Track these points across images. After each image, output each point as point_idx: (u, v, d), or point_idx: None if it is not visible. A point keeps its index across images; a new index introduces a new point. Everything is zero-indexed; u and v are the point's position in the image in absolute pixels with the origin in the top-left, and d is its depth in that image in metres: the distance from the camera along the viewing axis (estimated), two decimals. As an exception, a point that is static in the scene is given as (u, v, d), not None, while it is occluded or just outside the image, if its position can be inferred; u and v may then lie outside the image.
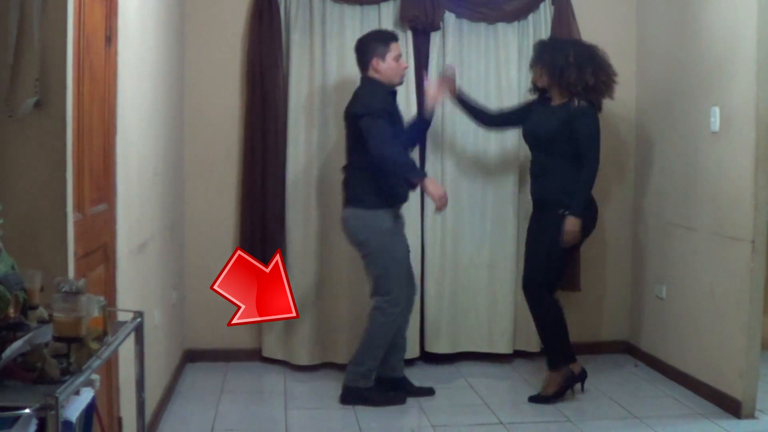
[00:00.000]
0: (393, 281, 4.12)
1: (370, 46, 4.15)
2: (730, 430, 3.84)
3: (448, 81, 4.41)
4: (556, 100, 4.23)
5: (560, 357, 4.23)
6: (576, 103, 4.12)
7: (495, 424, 3.95)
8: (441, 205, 4.08)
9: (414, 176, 4.10)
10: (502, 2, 4.82)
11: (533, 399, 4.21)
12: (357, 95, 4.16)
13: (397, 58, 4.15)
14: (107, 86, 2.92)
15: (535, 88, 4.34)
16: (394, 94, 4.25)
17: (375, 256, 4.13)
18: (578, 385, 4.31)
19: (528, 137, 4.35)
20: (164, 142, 4.09)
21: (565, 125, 4.11)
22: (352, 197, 4.13)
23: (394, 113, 4.18)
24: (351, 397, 4.18)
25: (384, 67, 4.12)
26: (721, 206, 4.10)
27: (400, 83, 4.25)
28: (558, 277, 4.31)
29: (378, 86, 4.13)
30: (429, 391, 4.34)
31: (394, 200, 4.17)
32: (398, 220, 4.21)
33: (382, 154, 3.99)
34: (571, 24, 4.85)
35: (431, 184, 4.10)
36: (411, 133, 4.39)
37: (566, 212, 4.08)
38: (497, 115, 4.53)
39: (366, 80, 4.18)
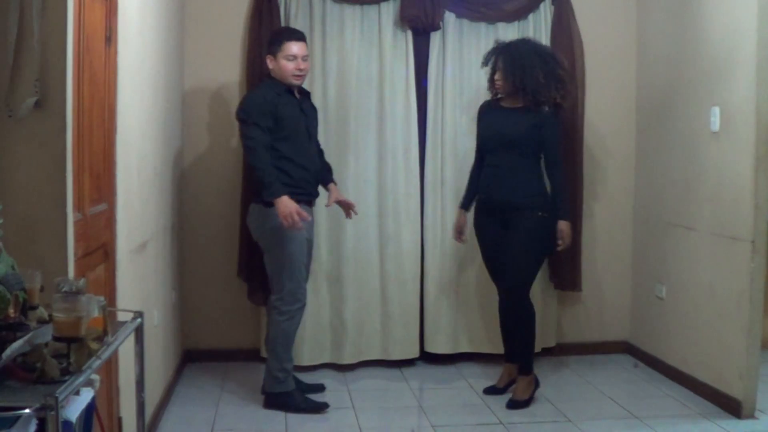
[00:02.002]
0: (286, 277, 4.03)
1: (268, 42, 4.19)
2: (730, 430, 3.84)
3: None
4: (512, 102, 4.23)
5: (532, 361, 4.25)
6: (546, 108, 4.18)
7: (495, 424, 3.95)
8: (288, 224, 3.86)
9: (267, 195, 3.90)
10: (502, 2, 4.82)
11: (511, 405, 4.16)
12: (245, 95, 4.21)
13: (290, 58, 4.05)
14: (107, 86, 2.92)
15: (493, 87, 4.31)
16: (294, 92, 4.13)
17: (269, 251, 4.07)
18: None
19: (494, 140, 4.27)
20: (164, 142, 4.09)
21: (535, 129, 4.15)
22: (253, 192, 4.09)
23: (285, 116, 4.03)
24: (272, 402, 4.12)
25: (275, 66, 4.08)
26: (721, 206, 4.10)
27: (298, 84, 4.13)
28: (535, 277, 4.33)
29: (270, 86, 4.08)
30: (320, 387, 4.36)
31: (296, 197, 3.97)
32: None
33: (251, 163, 4.00)
34: (571, 24, 4.85)
35: (280, 203, 3.86)
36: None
37: (556, 214, 4.13)
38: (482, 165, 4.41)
39: (267, 77, 4.18)
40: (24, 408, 1.64)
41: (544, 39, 4.81)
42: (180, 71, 4.64)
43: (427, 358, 4.90)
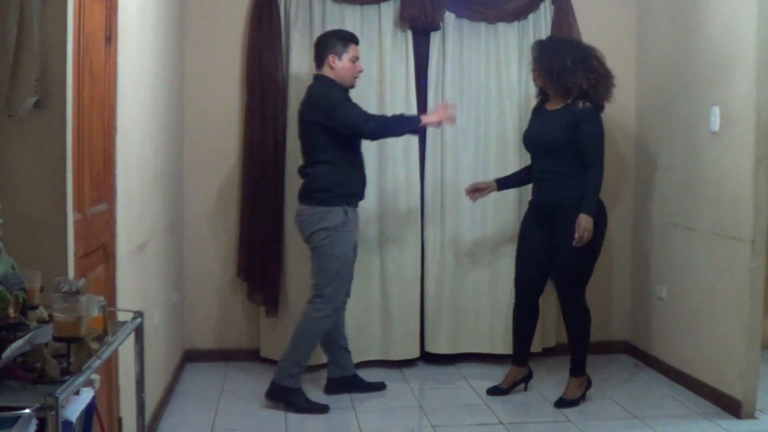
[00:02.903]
0: (331, 278, 4.09)
1: (329, 43, 4.16)
2: (730, 430, 3.84)
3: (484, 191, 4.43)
4: (554, 104, 4.20)
5: (585, 362, 4.24)
6: (581, 105, 4.09)
7: (495, 424, 3.95)
8: (448, 118, 4.18)
9: (414, 126, 4.18)
10: (502, 2, 4.82)
11: (560, 404, 4.17)
12: (314, 96, 4.13)
13: (354, 60, 4.14)
14: (107, 86, 2.92)
15: (540, 90, 4.31)
16: (347, 94, 4.20)
17: (319, 251, 4.10)
18: (522, 384, 4.39)
19: (532, 143, 4.28)
20: (164, 142, 4.09)
21: (570, 129, 4.07)
22: (306, 194, 4.13)
23: None
24: (276, 393, 4.14)
25: (339, 65, 4.12)
26: (721, 206, 4.10)
27: (352, 86, 4.21)
28: (589, 277, 4.30)
29: (337, 86, 4.13)
30: (380, 386, 4.42)
31: (348, 198, 4.12)
32: (350, 218, 4.14)
33: (375, 133, 4.16)
34: (571, 24, 4.85)
35: (428, 118, 4.19)
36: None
37: (580, 208, 4.04)
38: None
39: (319, 77, 4.18)
40: (24, 408, 1.64)
41: (544, 39, 4.81)
42: (180, 71, 4.64)
43: (428, 358, 4.90)
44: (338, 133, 4.05)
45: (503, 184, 4.48)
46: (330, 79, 4.14)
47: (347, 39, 4.17)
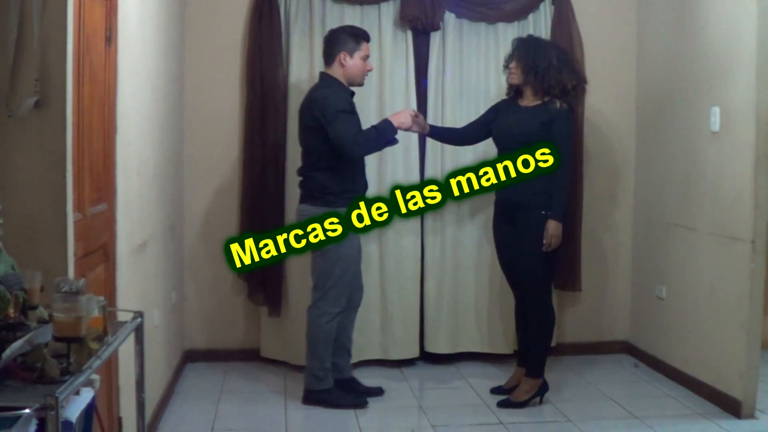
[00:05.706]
0: (335, 280, 4.07)
1: (341, 39, 4.10)
2: (730, 430, 3.84)
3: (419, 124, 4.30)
4: (529, 101, 4.18)
5: (544, 365, 4.18)
6: (558, 104, 4.08)
7: (495, 424, 3.95)
8: (408, 126, 4.10)
9: (390, 135, 4.07)
10: (502, 2, 4.82)
11: (504, 404, 4.15)
12: (316, 100, 4.04)
13: (365, 58, 4.11)
14: (107, 86, 2.92)
15: (511, 87, 4.28)
16: (351, 95, 4.18)
17: (323, 253, 4.06)
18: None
19: (501, 138, 4.26)
20: (164, 142, 4.09)
21: (545, 126, 4.06)
22: (309, 194, 4.10)
23: (354, 113, 4.12)
24: (311, 399, 4.16)
25: (350, 63, 4.07)
26: (721, 206, 4.10)
27: (361, 84, 4.20)
28: (552, 277, 4.30)
29: (341, 88, 4.08)
30: (378, 391, 4.33)
31: (351, 199, 4.06)
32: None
33: (363, 151, 4.08)
34: (571, 24, 4.85)
35: (396, 120, 4.08)
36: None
37: (548, 213, 4.02)
38: (469, 129, 4.45)
39: (325, 77, 4.13)
40: (24, 408, 1.64)
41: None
42: (180, 71, 4.64)
43: (427, 358, 4.90)
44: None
45: (434, 131, 4.42)
46: (335, 80, 4.09)
47: (360, 36, 4.12)
